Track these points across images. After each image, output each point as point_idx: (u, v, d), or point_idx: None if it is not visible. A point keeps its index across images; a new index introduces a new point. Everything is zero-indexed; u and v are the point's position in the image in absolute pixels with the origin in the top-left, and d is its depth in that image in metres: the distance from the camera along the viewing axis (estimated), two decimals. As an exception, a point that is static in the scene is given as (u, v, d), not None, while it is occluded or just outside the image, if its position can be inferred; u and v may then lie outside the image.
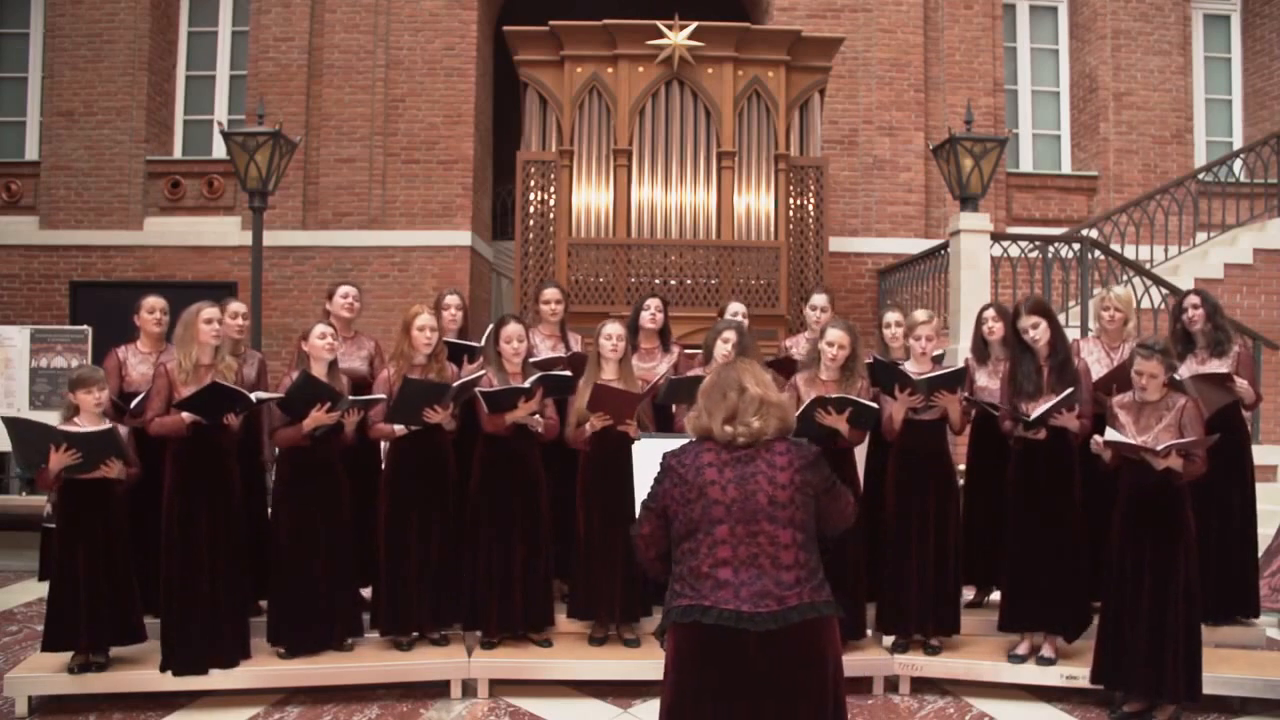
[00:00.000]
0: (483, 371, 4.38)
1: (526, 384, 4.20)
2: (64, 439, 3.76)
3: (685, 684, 2.24)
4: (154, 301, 4.52)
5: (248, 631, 4.16)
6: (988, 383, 4.52)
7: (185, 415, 3.93)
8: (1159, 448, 3.67)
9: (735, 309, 5.02)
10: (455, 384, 4.22)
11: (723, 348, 4.43)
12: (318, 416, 4.05)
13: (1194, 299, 4.77)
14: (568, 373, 4.39)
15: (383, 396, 4.26)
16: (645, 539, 2.40)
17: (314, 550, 4.16)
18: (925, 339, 4.36)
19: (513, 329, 4.37)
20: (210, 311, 4.07)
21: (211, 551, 3.97)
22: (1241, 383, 4.55)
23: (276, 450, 4.32)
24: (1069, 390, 4.03)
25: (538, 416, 4.30)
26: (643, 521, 2.40)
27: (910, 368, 4.37)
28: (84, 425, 3.90)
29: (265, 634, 4.20)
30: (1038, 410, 4.05)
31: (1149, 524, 3.78)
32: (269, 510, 4.42)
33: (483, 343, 4.70)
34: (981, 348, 4.66)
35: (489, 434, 4.28)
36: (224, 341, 4.16)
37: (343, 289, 4.84)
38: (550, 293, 5.03)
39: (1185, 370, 4.63)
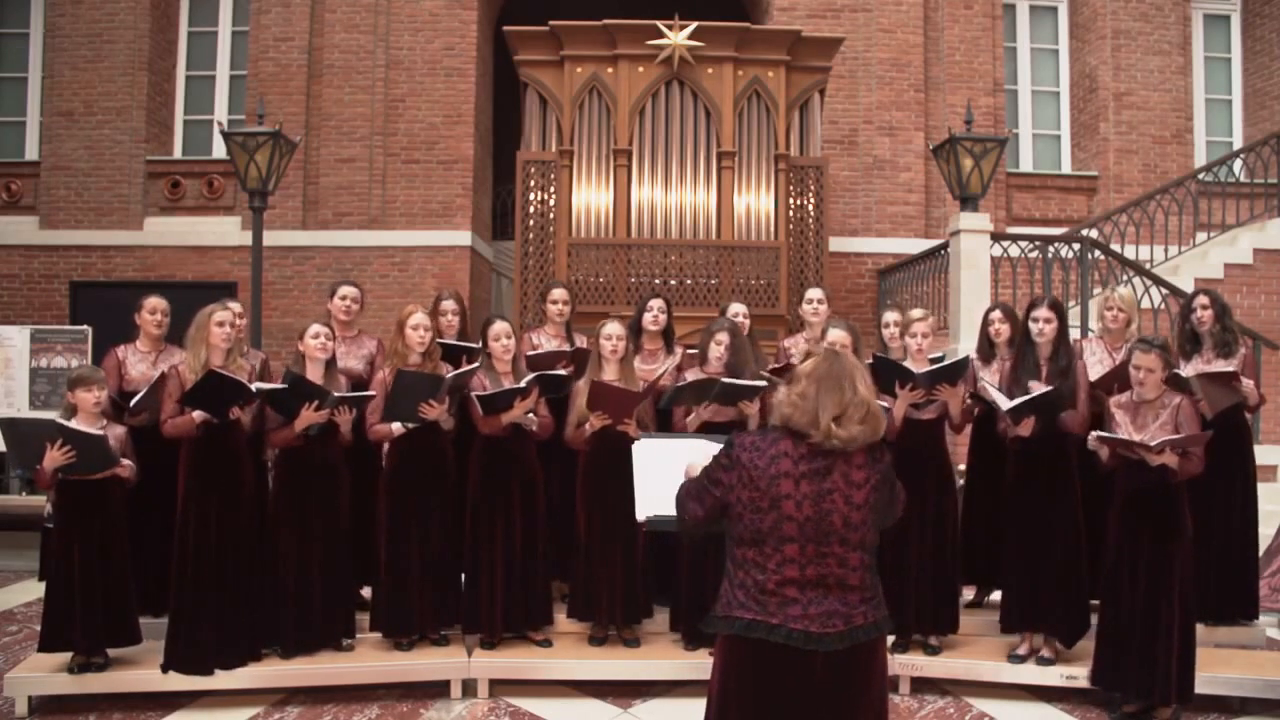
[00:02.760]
0: (477, 364, 4.37)
1: (522, 383, 4.19)
2: (58, 433, 3.77)
3: (741, 696, 2.20)
4: (156, 303, 4.52)
5: (258, 633, 4.14)
6: (985, 384, 4.50)
7: (196, 415, 3.93)
8: (1153, 444, 3.68)
9: (736, 309, 5.02)
10: (449, 375, 4.21)
11: (716, 349, 4.42)
12: (307, 415, 4.05)
13: (1204, 299, 4.74)
14: (562, 372, 4.38)
15: (373, 393, 4.25)
16: (699, 521, 2.29)
17: (312, 550, 4.16)
18: (921, 335, 4.35)
19: (499, 327, 4.37)
20: (223, 315, 4.08)
21: (222, 553, 3.97)
22: (1247, 383, 4.55)
23: (272, 451, 4.32)
24: (1047, 389, 4.02)
25: (531, 415, 4.29)
26: (698, 501, 2.28)
27: (909, 367, 4.36)
28: (81, 425, 3.90)
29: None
30: (1012, 402, 4.04)
31: (1145, 523, 3.79)
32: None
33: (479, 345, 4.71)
34: (987, 348, 4.65)
35: (486, 434, 4.27)
36: (235, 344, 4.17)
37: (342, 290, 4.81)
38: (558, 292, 5.02)
39: (1191, 370, 4.62)
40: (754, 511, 2.17)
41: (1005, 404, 4.08)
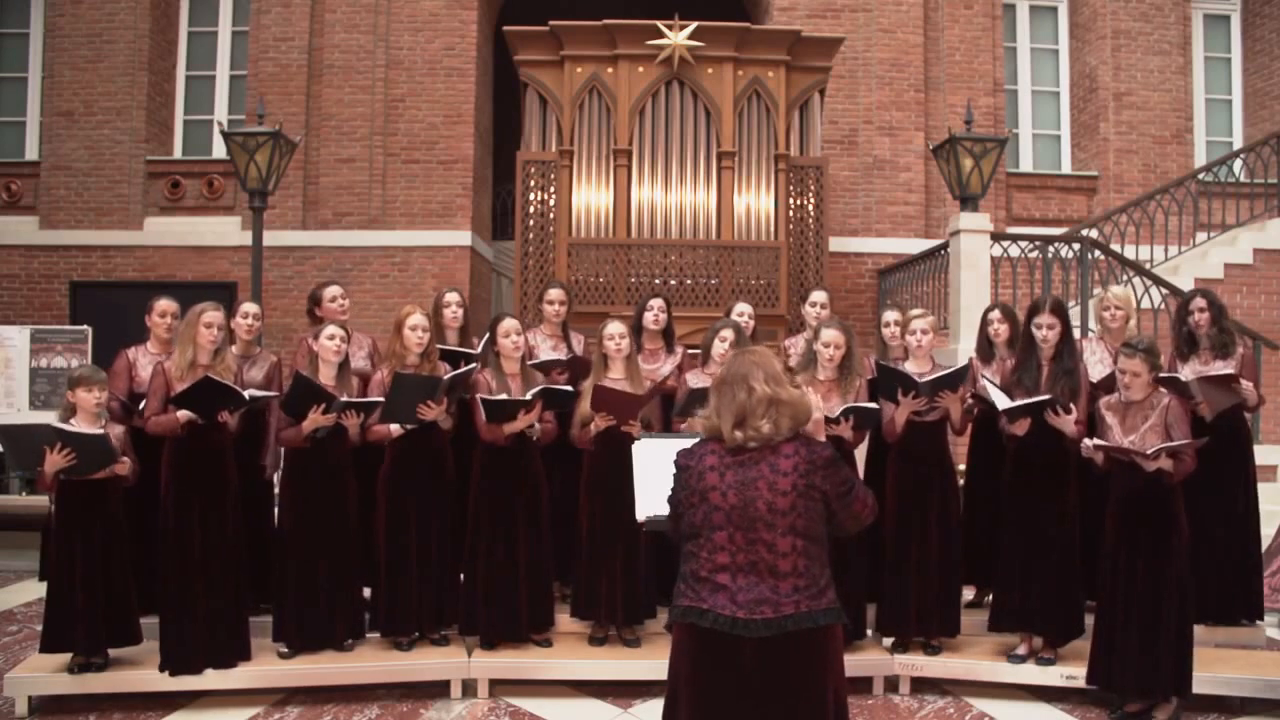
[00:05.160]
0: (475, 364, 4.37)
1: (528, 395, 4.19)
2: (57, 437, 3.76)
3: (684, 682, 2.27)
4: (166, 305, 4.50)
5: (247, 632, 4.15)
6: (985, 383, 4.50)
7: (181, 414, 3.93)
8: (1149, 451, 3.68)
9: (742, 309, 5.02)
10: (448, 376, 4.21)
11: (720, 346, 4.43)
12: (314, 418, 4.06)
13: (1200, 301, 4.73)
14: (569, 388, 4.36)
15: (379, 399, 4.25)
16: (673, 534, 2.41)
17: (319, 550, 4.16)
18: (921, 332, 4.35)
19: (509, 324, 4.37)
20: (211, 316, 4.07)
21: (206, 551, 3.97)
22: (1246, 384, 4.54)
23: (282, 451, 4.32)
24: (1045, 397, 4.02)
25: (536, 425, 4.30)
26: (672, 519, 2.39)
27: (910, 366, 4.36)
28: (80, 425, 3.89)
29: (270, 633, 4.21)
30: (1014, 403, 4.04)
31: (1141, 523, 3.79)
32: (274, 510, 4.42)
33: (480, 347, 4.71)
34: (987, 348, 4.65)
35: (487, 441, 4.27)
36: (223, 345, 4.16)
37: (330, 291, 4.82)
38: (555, 293, 5.03)
39: (1189, 371, 4.61)
40: (689, 507, 2.27)
41: (1002, 404, 4.08)
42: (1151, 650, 3.72)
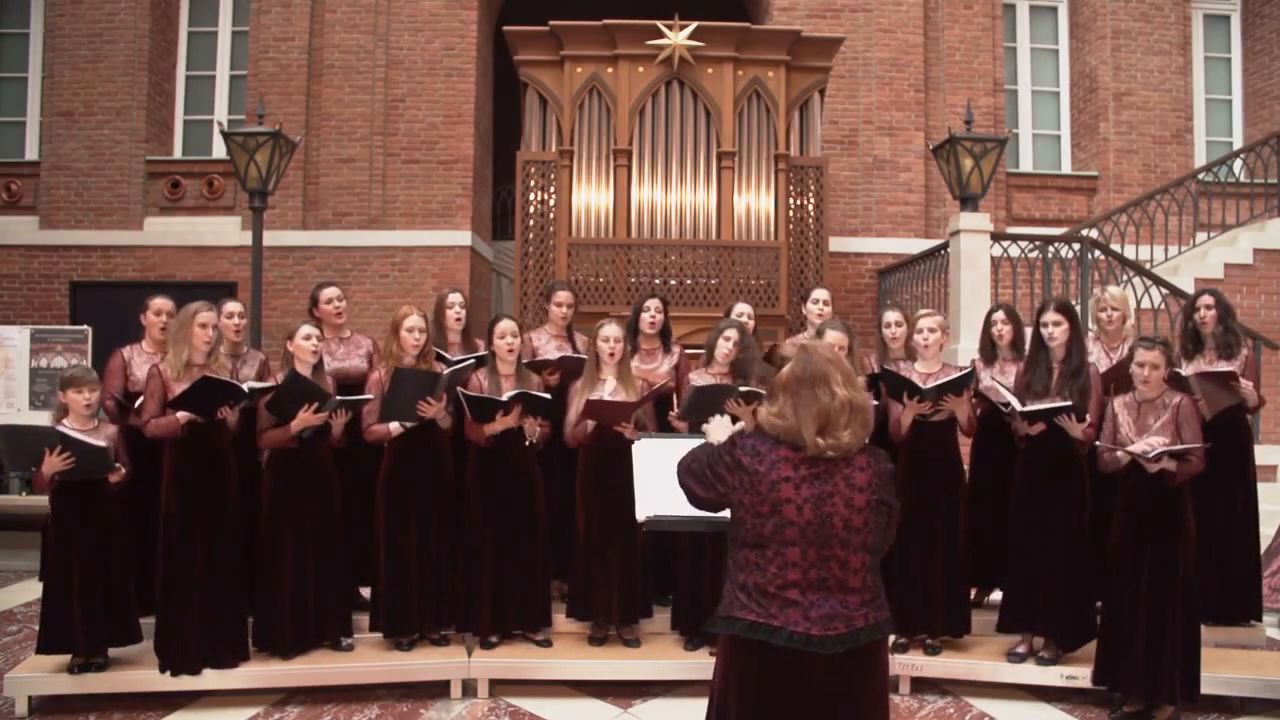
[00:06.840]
0: (471, 360, 4.37)
1: (504, 398, 4.18)
2: (59, 441, 3.75)
3: (741, 697, 2.19)
4: (161, 304, 4.50)
5: (246, 632, 4.15)
6: (992, 383, 4.50)
7: (180, 415, 3.92)
8: (1150, 454, 3.67)
9: (741, 309, 5.02)
10: (446, 372, 4.20)
11: (724, 346, 4.43)
12: (305, 417, 4.05)
13: (1208, 299, 4.73)
14: (547, 395, 4.33)
15: (370, 396, 4.24)
16: (696, 500, 2.31)
17: (304, 550, 4.16)
18: (929, 331, 4.35)
19: (506, 325, 4.37)
20: (206, 316, 4.05)
21: (207, 551, 3.96)
22: (1246, 384, 4.54)
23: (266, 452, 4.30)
24: (1066, 404, 4.01)
25: (536, 430, 4.29)
26: (700, 483, 2.28)
27: (918, 366, 4.36)
28: (73, 426, 3.88)
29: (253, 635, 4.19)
30: (1035, 406, 4.04)
31: (1149, 523, 3.78)
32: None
33: (481, 349, 4.70)
34: (990, 349, 4.64)
35: (471, 439, 4.26)
36: (216, 344, 4.15)
37: (326, 292, 4.80)
38: (564, 295, 5.02)
39: (1191, 371, 4.61)
40: (755, 516, 2.17)
41: (1020, 406, 4.06)
42: (1157, 652, 3.71)
